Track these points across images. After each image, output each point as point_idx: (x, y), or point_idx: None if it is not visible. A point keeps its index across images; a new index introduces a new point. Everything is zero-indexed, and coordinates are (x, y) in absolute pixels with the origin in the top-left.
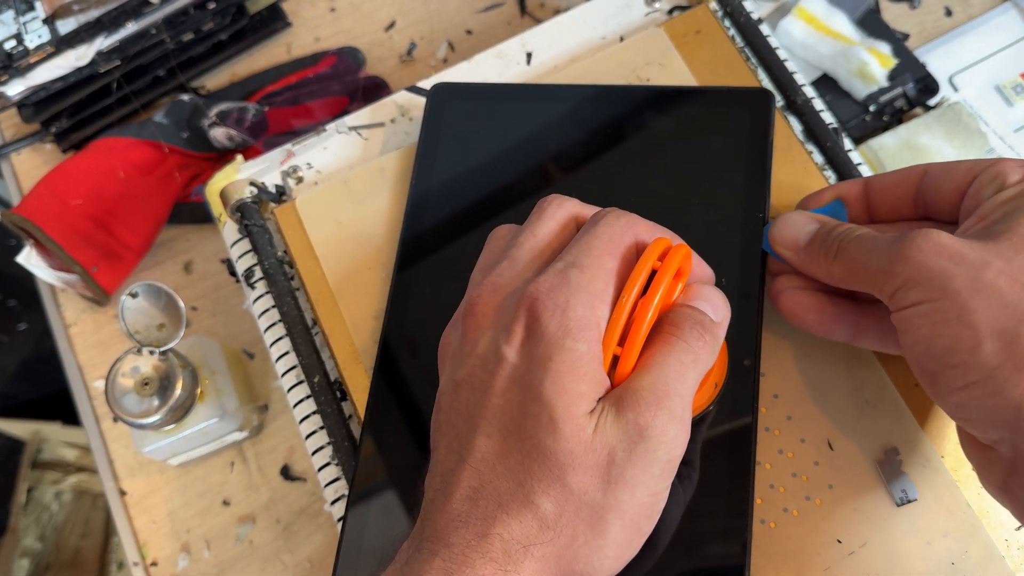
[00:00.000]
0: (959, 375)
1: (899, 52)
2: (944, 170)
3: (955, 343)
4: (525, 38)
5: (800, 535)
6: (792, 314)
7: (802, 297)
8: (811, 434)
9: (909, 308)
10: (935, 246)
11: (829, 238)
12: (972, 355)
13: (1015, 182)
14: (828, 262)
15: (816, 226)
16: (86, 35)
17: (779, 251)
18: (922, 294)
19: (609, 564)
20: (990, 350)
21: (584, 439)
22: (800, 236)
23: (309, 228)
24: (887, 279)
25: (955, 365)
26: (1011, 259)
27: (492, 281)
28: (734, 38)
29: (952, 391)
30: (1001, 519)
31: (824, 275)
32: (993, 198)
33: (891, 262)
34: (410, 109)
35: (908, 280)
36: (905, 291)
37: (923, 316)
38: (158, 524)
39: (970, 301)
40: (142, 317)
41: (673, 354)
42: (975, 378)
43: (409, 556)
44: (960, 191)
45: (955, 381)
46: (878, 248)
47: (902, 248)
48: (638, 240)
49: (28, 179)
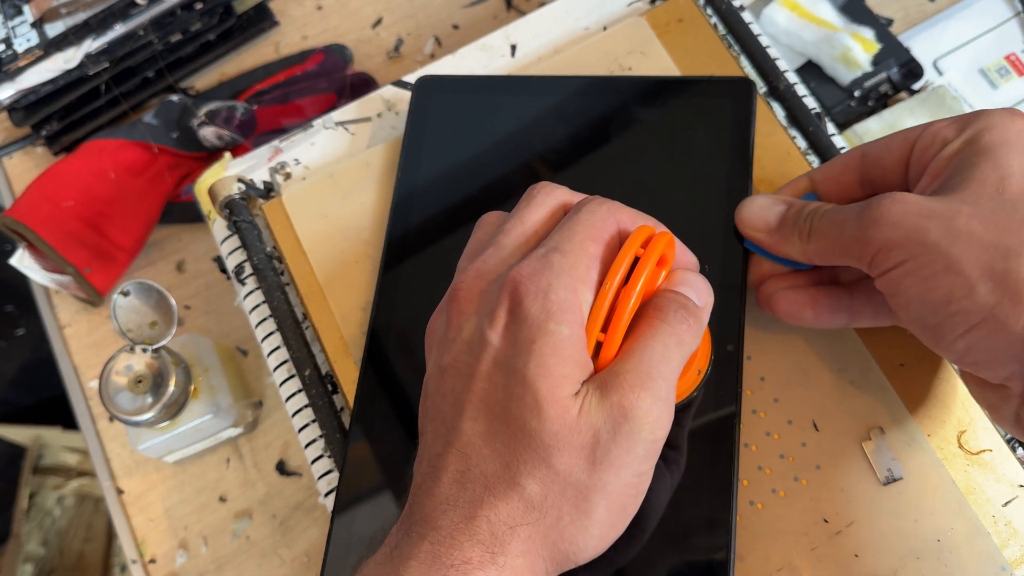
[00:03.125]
0: (961, 321)
1: (883, 37)
2: (881, 147)
3: (949, 292)
4: (509, 31)
5: (787, 515)
6: (789, 314)
7: (795, 296)
8: (797, 415)
9: (893, 270)
10: (903, 205)
11: (800, 217)
12: (969, 299)
13: (953, 137)
14: (802, 242)
15: (783, 207)
16: (74, 38)
17: (749, 234)
18: (902, 254)
19: (595, 544)
20: (984, 291)
21: (569, 421)
22: (769, 218)
23: (297, 223)
24: (863, 247)
25: (954, 313)
26: (976, 203)
27: (477, 267)
28: (716, 26)
29: (956, 338)
30: (988, 495)
31: (799, 254)
32: (938, 157)
33: (863, 229)
34: (396, 103)
35: (884, 243)
36: (884, 254)
37: (910, 274)
38: (155, 521)
39: (951, 249)
40: (134, 315)
41: (657, 337)
42: (976, 320)
43: (398, 540)
44: (903, 161)
45: (958, 328)
46: (849, 219)
47: (872, 213)
48: (621, 227)
49: (20, 183)
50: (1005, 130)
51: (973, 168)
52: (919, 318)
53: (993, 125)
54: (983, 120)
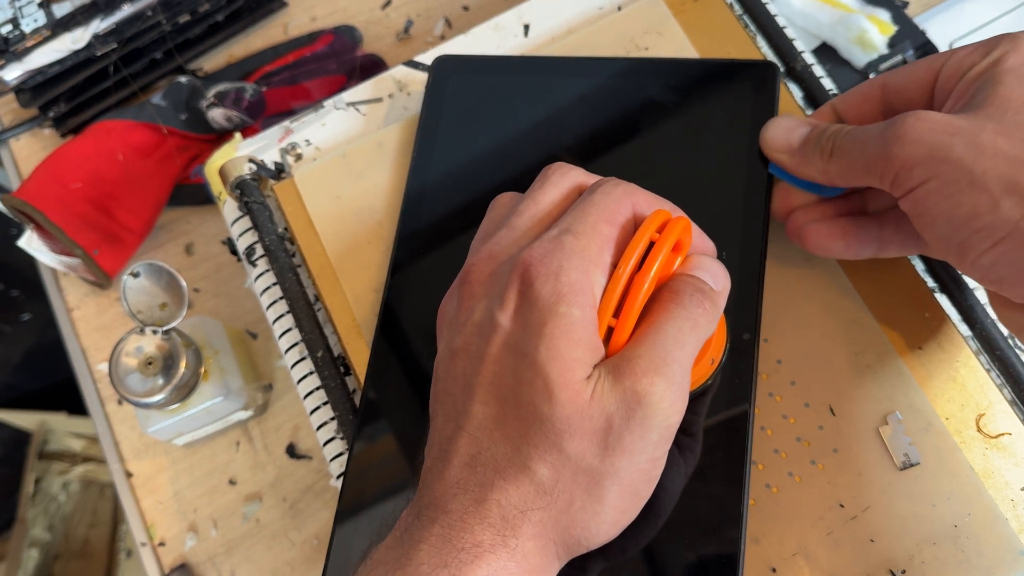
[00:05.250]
0: (986, 236)
1: (898, 19)
2: (903, 76)
3: (974, 208)
4: (522, 10)
5: (803, 500)
6: (819, 246)
7: (824, 228)
8: (815, 399)
9: (918, 188)
10: (927, 122)
11: (823, 137)
12: (994, 214)
13: (978, 61)
14: (824, 161)
15: (807, 128)
16: (82, 18)
17: (772, 155)
18: (926, 171)
19: (607, 529)
20: (1009, 205)
21: (580, 405)
22: (793, 138)
23: (309, 204)
24: (887, 165)
25: (980, 228)
26: (1000, 119)
27: (489, 249)
28: (732, 5)
29: (982, 253)
30: (1007, 479)
31: (821, 175)
32: (964, 78)
33: (887, 146)
34: (408, 84)
35: (908, 160)
36: (907, 172)
37: (935, 192)
38: (165, 504)
39: (975, 165)
40: (144, 297)
41: (672, 321)
42: (1002, 234)
43: (408, 524)
44: (927, 89)
45: (984, 243)
46: (872, 138)
47: (896, 131)
48: (636, 210)
49: (27, 165)
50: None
51: (998, 86)
52: (944, 236)
53: (1019, 47)
54: (1009, 42)
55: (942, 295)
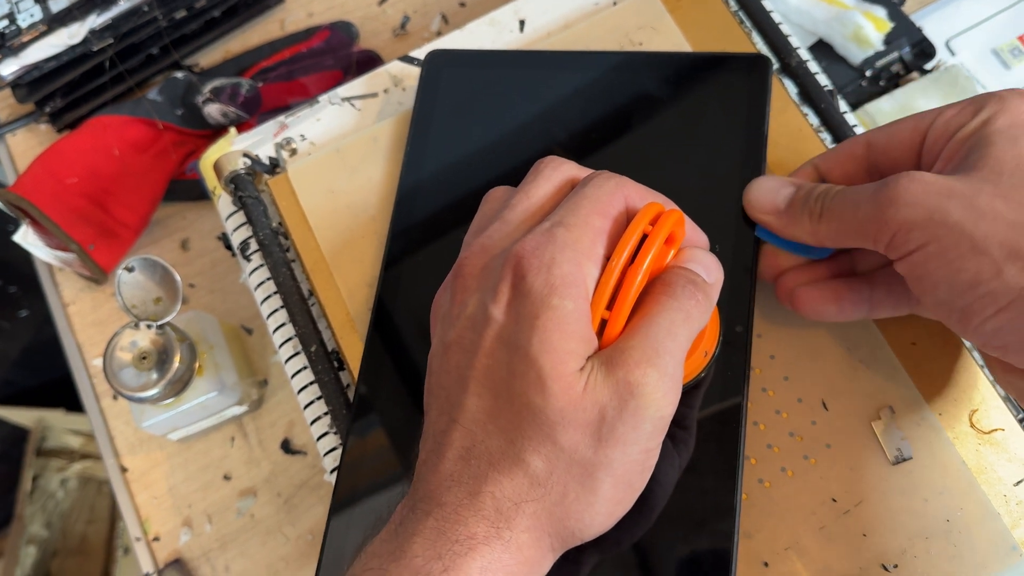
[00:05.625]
0: (990, 303)
1: (895, 16)
2: (888, 135)
3: (977, 274)
4: (518, 5)
5: (796, 494)
6: (812, 310)
7: (817, 292)
8: (808, 394)
9: (916, 252)
10: (922, 184)
11: (811, 198)
12: (997, 280)
13: (967, 120)
14: (813, 223)
15: (792, 189)
16: (78, 13)
17: (758, 216)
18: (923, 235)
19: (601, 520)
20: (1013, 272)
21: (573, 397)
22: (778, 199)
23: (303, 198)
24: (881, 228)
25: (982, 295)
26: (997, 182)
27: (482, 242)
28: (727, 1)
29: (986, 320)
30: (999, 475)
31: (809, 236)
32: (953, 139)
33: (881, 209)
34: (403, 79)
35: (903, 223)
36: (903, 235)
37: (934, 257)
38: (159, 499)
39: (976, 230)
40: (139, 291)
41: (664, 313)
42: (1006, 301)
43: (403, 517)
44: (914, 149)
45: (988, 309)
46: (864, 199)
47: (889, 192)
48: (629, 203)
49: (23, 160)
50: (1019, 111)
51: (990, 147)
52: (945, 301)
53: (1008, 107)
54: (997, 102)
55: None
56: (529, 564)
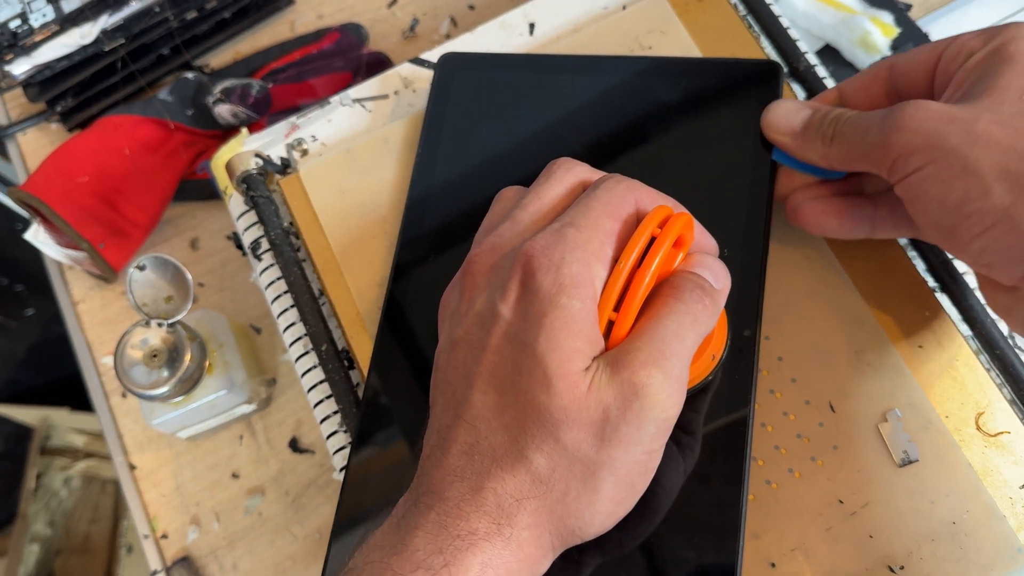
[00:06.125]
0: (976, 222)
1: (902, 22)
2: (909, 58)
3: (965, 194)
4: (528, 9)
5: (803, 495)
6: (815, 224)
7: (820, 206)
8: (815, 396)
9: (913, 174)
10: (925, 111)
11: (824, 122)
12: (984, 200)
13: (979, 48)
14: (825, 145)
15: (809, 112)
16: (90, 13)
17: (774, 137)
18: (922, 158)
19: (602, 520)
20: (1000, 192)
21: (578, 396)
22: (795, 121)
23: (314, 198)
24: (884, 151)
25: (970, 214)
26: (997, 109)
27: (492, 241)
28: (736, 6)
29: (972, 239)
30: (1005, 477)
31: (821, 158)
32: (964, 67)
33: (886, 134)
34: (414, 81)
35: (905, 147)
36: (904, 159)
37: (928, 178)
38: (168, 497)
39: (969, 153)
40: (150, 290)
41: (671, 315)
42: (991, 221)
43: (406, 510)
44: (929, 72)
45: (973, 228)
46: (872, 124)
47: (895, 119)
48: (639, 206)
49: (34, 159)
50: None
51: (997, 76)
52: (936, 221)
53: (1019, 35)
54: (1010, 31)
55: (943, 294)
56: (529, 561)
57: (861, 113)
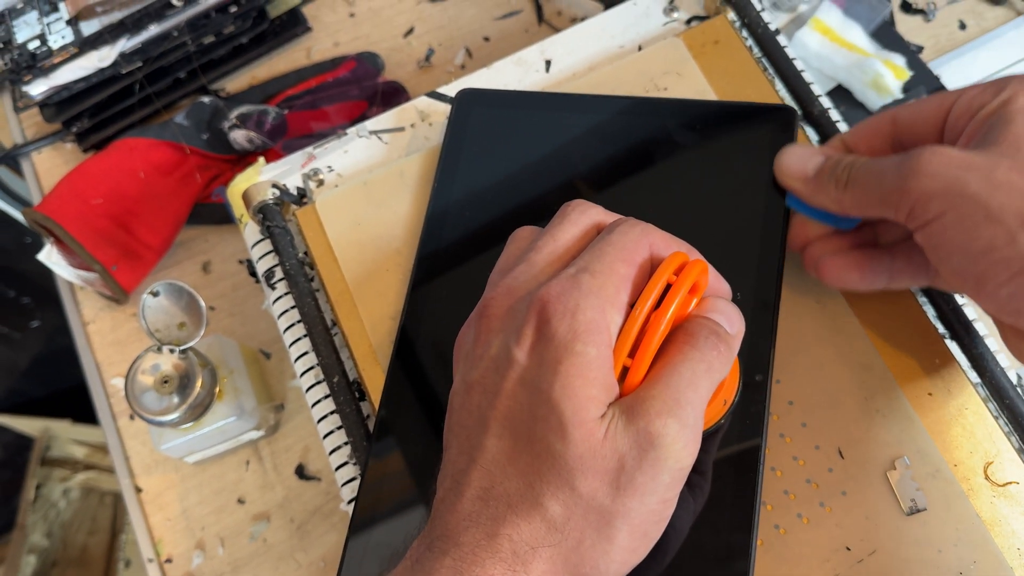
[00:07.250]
0: (1003, 269)
1: (913, 64)
2: (913, 112)
3: (991, 241)
4: (544, 46)
5: (810, 541)
6: (836, 277)
7: (841, 260)
8: (825, 441)
9: (934, 221)
10: (942, 157)
11: (838, 168)
12: (1011, 247)
13: (989, 100)
14: (839, 191)
15: (822, 158)
16: (109, 37)
17: (787, 182)
18: (941, 204)
19: (616, 568)
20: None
21: (593, 444)
22: (808, 166)
23: (329, 230)
24: (901, 198)
25: (997, 261)
26: (1015, 156)
27: (507, 284)
28: (751, 48)
29: (1000, 286)
30: (1013, 528)
31: (835, 204)
32: (975, 118)
33: (903, 179)
34: (430, 114)
35: (924, 193)
36: (923, 205)
37: (951, 226)
38: (173, 521)
39: (991, 200)
40: (163, 316)
41: (686, 363)
42: (1019, 267)
43: (420, 554)
44: (937, 126)
45: (1001, 275)
46: (888, 170)
47: (912, 164)
48: (653, 251)
49: (49, 178)
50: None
51: (1010, 124)
52: (960, 269)
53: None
54: (1018, 83)
55: (952, 342)
56: None
57: (875, 159)
